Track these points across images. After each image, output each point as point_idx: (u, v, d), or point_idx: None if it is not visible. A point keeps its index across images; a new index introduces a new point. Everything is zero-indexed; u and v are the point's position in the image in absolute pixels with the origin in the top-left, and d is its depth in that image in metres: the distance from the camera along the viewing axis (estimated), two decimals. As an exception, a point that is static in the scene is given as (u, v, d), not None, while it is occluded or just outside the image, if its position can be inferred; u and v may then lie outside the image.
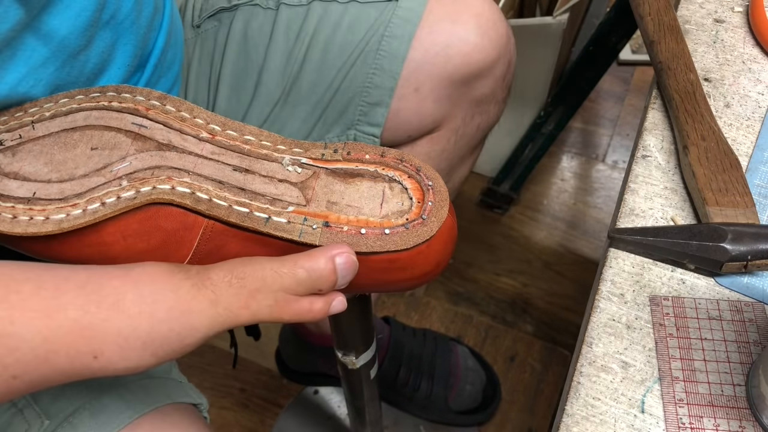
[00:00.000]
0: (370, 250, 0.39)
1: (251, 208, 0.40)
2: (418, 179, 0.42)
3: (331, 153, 0.43)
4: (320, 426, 1.17)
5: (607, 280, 0.47)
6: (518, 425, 1.16)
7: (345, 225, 0.40)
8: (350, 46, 0.70)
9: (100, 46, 0.52)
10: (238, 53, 0.71)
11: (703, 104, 0.53)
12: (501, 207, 1.41)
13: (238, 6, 0.71)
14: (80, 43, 0.50)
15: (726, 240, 0.45)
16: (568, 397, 0.42)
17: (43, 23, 0.46)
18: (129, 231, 0.40)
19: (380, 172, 0.43)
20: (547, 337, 1.26)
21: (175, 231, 0.40)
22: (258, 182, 0.41)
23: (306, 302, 0.38)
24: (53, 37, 0.47)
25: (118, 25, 0.53)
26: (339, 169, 0.43)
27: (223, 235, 0.41)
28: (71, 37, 0.49)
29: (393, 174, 0.43)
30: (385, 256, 0.40)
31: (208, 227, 0.40)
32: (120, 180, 0.41)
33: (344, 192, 0.42)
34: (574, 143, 1.53)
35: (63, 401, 0.51)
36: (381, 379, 1.11)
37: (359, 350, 0.60)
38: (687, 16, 0.62)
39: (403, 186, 0.42)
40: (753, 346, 0.44)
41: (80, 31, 0.49)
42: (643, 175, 0.52)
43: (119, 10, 0.53)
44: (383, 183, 0.42)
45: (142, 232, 0.40)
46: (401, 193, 0.42)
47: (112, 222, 0.40)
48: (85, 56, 0.51)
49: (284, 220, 0.40)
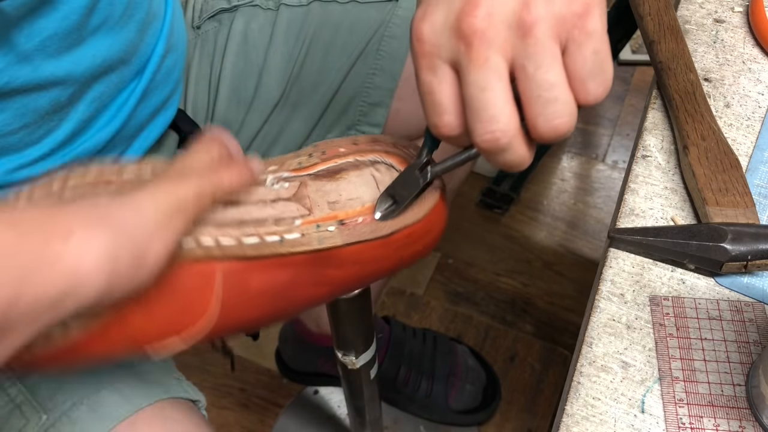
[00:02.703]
0: (392, 231, 0.40)
1: (260, 235, 0.39)
2: (397, 152, 0.43)
3: (307, 158, 0.43)
4: (320, 426, 1.17)
5: (607, 280, 0.47)
6: (518, 425, 1.16)
7: (359, 217, 0.40)
8: (350, 46, 0.70)
9: (90, 50, 0.51)
10: (238, 54, 0.71)
11: (703, 104, 0.53)
12: (501, 207, 1.41)
13: (238, 7, 0.71)
14: (61, 47, 0.49)
15: (726, 240, 0.45)
16: (568, 397, 0.42)
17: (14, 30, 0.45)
18: (149, 303, 0.38)
19: (360, 160, 0.43)
20: (547, 337, 1.26)
21: (195, 287, 0.39)
22: (253, 210, 0.41)
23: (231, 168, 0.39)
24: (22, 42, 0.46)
25: (109, 31, 0.53)
26: (321, 170, 0.43)
27: (243, 273, 0.39)
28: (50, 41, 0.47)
29: (372, 157, 0.43)
30: (404, 231, 0.40)
31: (225, 271, 0.39)
32: None
33: (338, 189, 0.42)
34: (574, 143, 1.53)
35: (61, 396, 0.51)
36: (381, 379, 1.11)
37: (359, 350, 0.60)
38: (687, 16, 0.62)
39: (386, 164, 0.43)
40: (753, 346, 0.44)
41: (62, 35, 0.48)
42: (643, 175, 0.52)
43: (110, 15, 0.52)
44: (367, 168, 0.43)
45: (163, 300, 0.38)
46: (389, 171, 0.43)
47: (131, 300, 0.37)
48: (73, 59, 0.50)
49: (297, 235, 0.39)
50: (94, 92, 0.54)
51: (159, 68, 0.60)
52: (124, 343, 0.39)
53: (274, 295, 0.41)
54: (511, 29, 0.32)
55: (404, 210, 0.40)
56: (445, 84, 0.34)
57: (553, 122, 0.33)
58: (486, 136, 0.33)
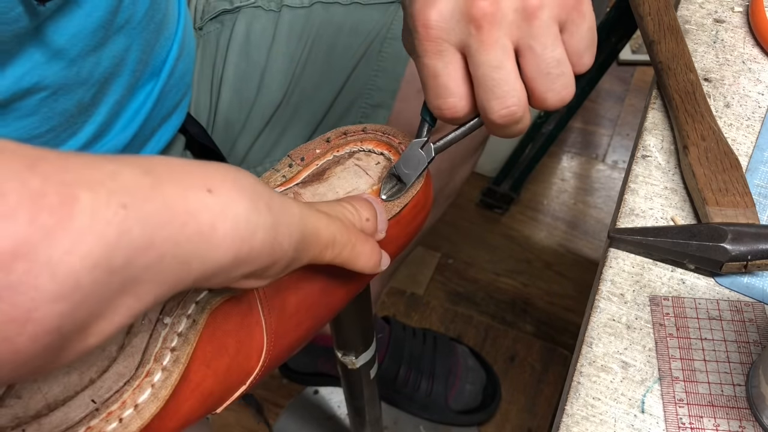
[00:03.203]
0: (401, 207, 0.42)
1: None
2: (369, 137, 0.44)
3: (289, 170, 0.43)
4: (320, 426, 1.17)
5: (607, 280, 0.47)
6: (518, 425, 1.16)
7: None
8: (352, 48, 0.70)
9: (113, 50, 0.52)
10: (240, 55, 0.71)
11: (703, 104, 0.53)
12: (501, 207, 1.42)
13: (240, 8, 0.71)
14: (88, 45, 0.50)
15: (726, 240, 0.45)
16: (568, 397, 0.42)
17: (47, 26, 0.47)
18: (207, 356, 0.35)
19: (338, 155, 0.44)
20: (547, 337, 1.26)
21: (241, 323, 0.37)
22: None
23: (370, 243, 0.37)
24: (55, 39, 0.47)
25: (131, 30, 0.54)
26: (306, 177, 0.43)
27: (279, 295, 0.39)
28: (76, 40, 0.49)
29: (348, 148, 0.44)
30: (410, 204, 0.42)
31: (262, 298, 0.38)
32: (161, 319, 0.34)
33: (332, 187, 0.43)
34: (574, 143, 1.53)
35: None
36: (381, 379, 1.11)
37: (359, 350, 0.60)
38: (687, 16, 0.62)
39: (364, 150, 0.44)
40: (753, 346, 0.44)
41: (89, 33, 0.49)
42: (643, 175, 0.52)
43: (133, 15, 0.53)
44: (348, 160, 0.44)
45: (217, 347, 0.36)
46: (368, 156, 0.44)
47: (190, 361, 0.35)
48: (96, 58, 0.51)
49: None
50: (115, 94, 0.55)
51: (173, 72, 0.61)
52: (199, 413, 0.36)
53: (310, 307, 0.41)
54: (517, 12, 0.35)
55: (411, 186, 0.42)
56: (451, 67, 0.37)
57: (562, 93, 0.37)
58: (503, 111, 0.37)
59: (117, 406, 0.31)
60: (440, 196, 0.84)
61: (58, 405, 0.31)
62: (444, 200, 0.88)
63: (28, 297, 0.21)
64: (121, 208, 0.23)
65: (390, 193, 0.42)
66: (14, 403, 0.31)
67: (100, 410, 0.31)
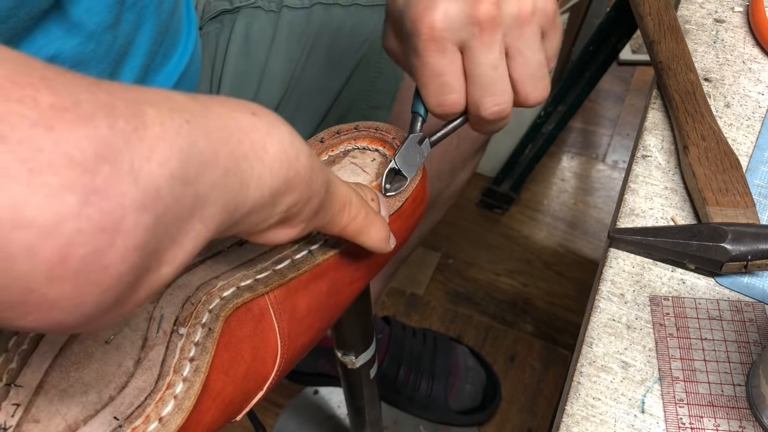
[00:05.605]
0: (402, 202, 0.42)
1: (289, 256, 0.39)
2: (361, 134, 0.45)
3: None
4: (320, 426, 1.17)
5: (607, 280, 0.47)
6: (518, 425, 1.16)
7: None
8: (352, 49, 0.70)
9: (125, 28, 0.53)
10: (240, 55, 0.71)
11: (703, 104, 0.53)
12: (501, 207, 1.42)
13: (239, 8, 0.71)
14: (105, 21, 0.50)
15: (726, 240, 0.45)
16: (568, 397, 0.42)
17: None
18: (225, 364, 0.35)
19: (333, 154, 0.44)
20: (547, 337, 1.26)
21: (254, 329, 0.37)
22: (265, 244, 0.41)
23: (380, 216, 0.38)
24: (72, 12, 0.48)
25: (143, 9, 0.54)
26: None
27: (289, 298, 0.39)
28: (92, 13, 0.49)
29: (343, 147, 0.44)
30: (410, 198, 0.43)
31: (273, 303, 0.38)
32: (176, 330, 0.34)
33: None
34: (574, 143, 1.53)
35: None
36: (381, 379, 1.11)
37: (359, 350, 0.60)
38: (687, 16, 0.62)
39: (359, 148, 0.44)
40: (753, 346, 0.44)
41: (104, 7, 0.50)
42: (643, 175, 0.52)
43: None
44: (343, 158, 0.44)
45: (234, 355, 0.36)
46: (363, 153, 0.44)
47: (210, 370, 0.34)
48: (112, 35, 0.52)
49: (321, 241, 0.40)
50: (130, 73, 0.56)
51: (186, 71, 0.61)
52: (221, 422, 0.36)
53: (320, 308, 0.41)
54: (513, 18, 0.38)
55: (411, 181, 0.43)
56: (454, 65, 0.39)
57: (543, 93, 0.41)
58: (494, 108, 0.40)
59: (141, 421, 0.31)
60: (441, 198, 0.84)
61: (80, 425, 0.30)
62: (445, 202, 0.88)
63: (117, 203, 0.20)
64: (185, 122, 0.24)
65: (392, 188, 0.43)
66: (32, 428, 0.30)
67: (124, 426, 0.30)
